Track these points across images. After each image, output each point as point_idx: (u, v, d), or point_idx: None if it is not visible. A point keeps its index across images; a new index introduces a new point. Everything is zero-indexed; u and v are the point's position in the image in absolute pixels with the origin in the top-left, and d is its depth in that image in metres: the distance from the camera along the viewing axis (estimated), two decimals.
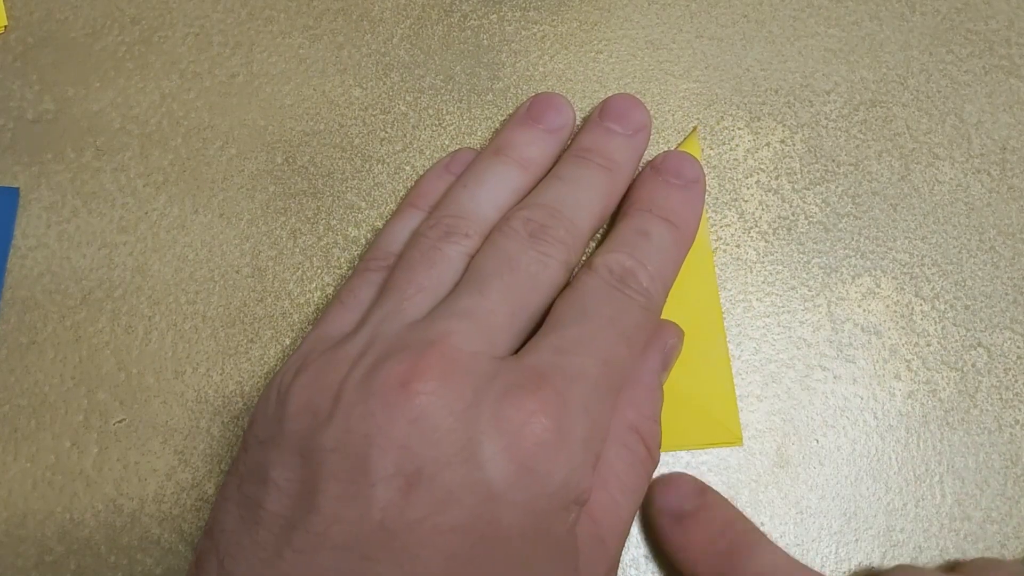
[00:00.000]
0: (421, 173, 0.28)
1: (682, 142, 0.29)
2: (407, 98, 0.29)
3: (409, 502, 0.19)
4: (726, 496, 0.26)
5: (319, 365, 0.22)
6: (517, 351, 0.23)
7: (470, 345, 0.21)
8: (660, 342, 0.25)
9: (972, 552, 0.26)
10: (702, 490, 0.25)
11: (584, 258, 0.27)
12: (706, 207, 0.28)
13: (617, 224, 0.26)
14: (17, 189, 0.28)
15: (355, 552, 0.19)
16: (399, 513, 0.19)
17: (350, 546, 0.19)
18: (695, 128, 0.29)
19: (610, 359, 0.22)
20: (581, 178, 0.26)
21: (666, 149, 0.29)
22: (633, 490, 0.23)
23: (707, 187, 0.29)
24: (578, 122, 0.29)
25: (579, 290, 0.24)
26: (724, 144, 0.29)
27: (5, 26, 0.29)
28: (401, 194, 0.28)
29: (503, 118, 0.29)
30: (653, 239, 0.25)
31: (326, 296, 0.27)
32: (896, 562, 0.26)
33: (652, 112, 0.29)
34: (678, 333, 0.26)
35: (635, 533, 0.25)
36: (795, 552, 0.25)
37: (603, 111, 0.27)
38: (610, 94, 0.29)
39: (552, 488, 0.20)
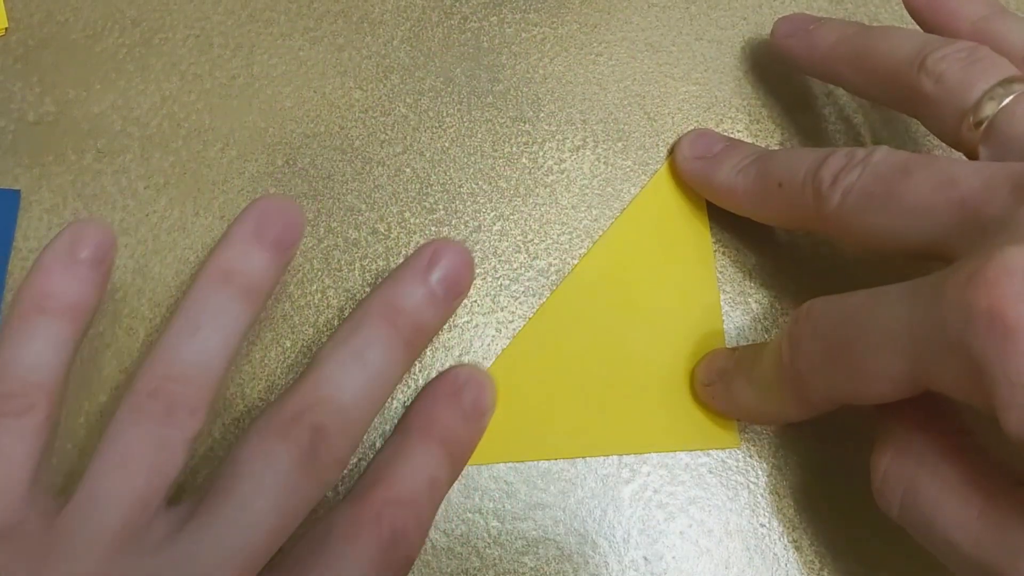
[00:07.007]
0: (420, 175, 0.28)
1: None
2: (407, 100, 0.29)
3: None
4: (724, 498, 0.26)
5: None
6: None
7: None
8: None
9: None
10: (727, 138, 0.28)
11: None
12: (706, 209, 0.28)
13: None
14: (18, 191, 0.28)
15: None
16: None
17: None
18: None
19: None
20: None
21: (663, 150, 0.29)
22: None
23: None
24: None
25: None
26: None
27: (6, 28, 0.29)
28: (402, 196, 0.28)
29: (503, 120, 0.29)
30: None
31: (326, 298, 0.27)
32: (895, 564, 0.26)
33: (652, 114, 0.29)
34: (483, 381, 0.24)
35: (635, 535, 0.25)
36: (795, 555, 0.25)
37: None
38: (607, 97, 0.29)
39: None
